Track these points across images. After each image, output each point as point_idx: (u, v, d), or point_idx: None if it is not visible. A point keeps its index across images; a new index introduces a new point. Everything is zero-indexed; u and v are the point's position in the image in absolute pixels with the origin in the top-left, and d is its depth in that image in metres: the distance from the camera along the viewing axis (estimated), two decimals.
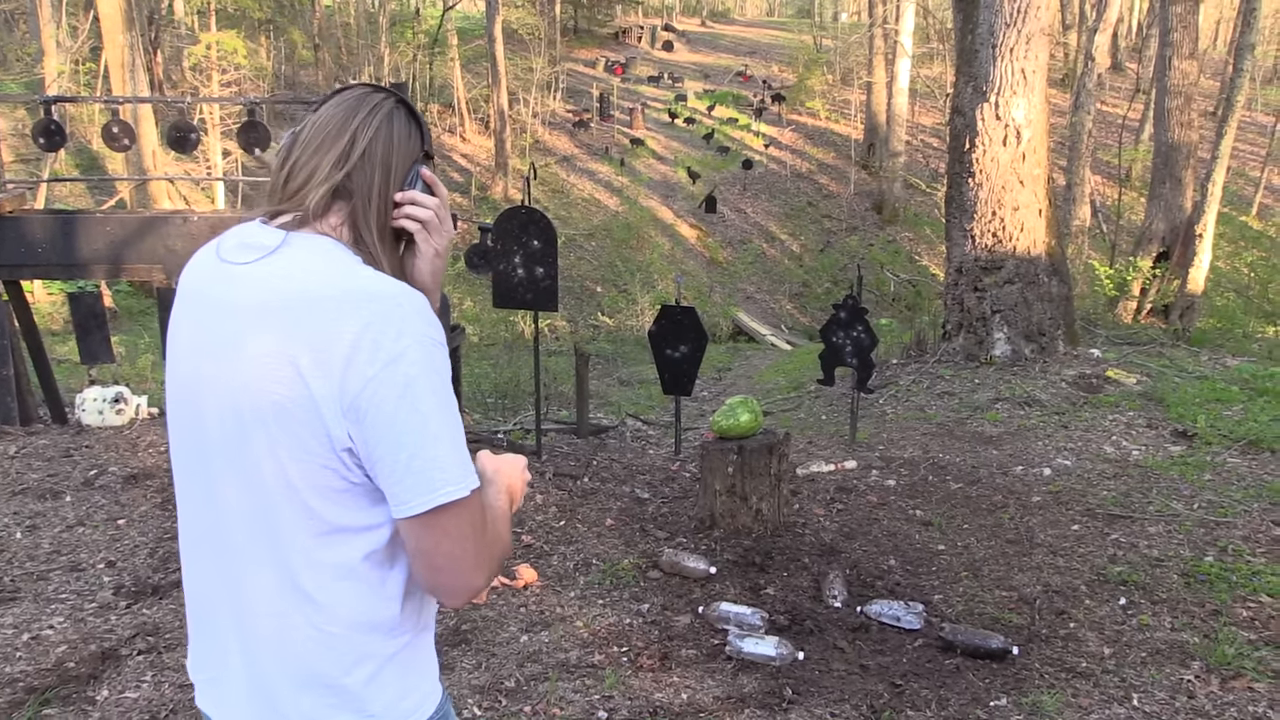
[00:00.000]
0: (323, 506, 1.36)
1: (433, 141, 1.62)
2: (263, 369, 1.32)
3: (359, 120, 1.46)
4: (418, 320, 1.34)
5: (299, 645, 1.41)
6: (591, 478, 5.78)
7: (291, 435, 1.32)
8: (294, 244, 1.41)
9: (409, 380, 1.30)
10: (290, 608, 1.40)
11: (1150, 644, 3.80)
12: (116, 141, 6.77)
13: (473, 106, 30.04)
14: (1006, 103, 7.84)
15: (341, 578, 1.39)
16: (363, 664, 1.43)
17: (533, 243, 5.30)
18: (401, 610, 1.45)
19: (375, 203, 1.45)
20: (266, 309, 1.34)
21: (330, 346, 1.29)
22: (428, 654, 1.56)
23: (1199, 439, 6.17)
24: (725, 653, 3.74)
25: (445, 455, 1.33)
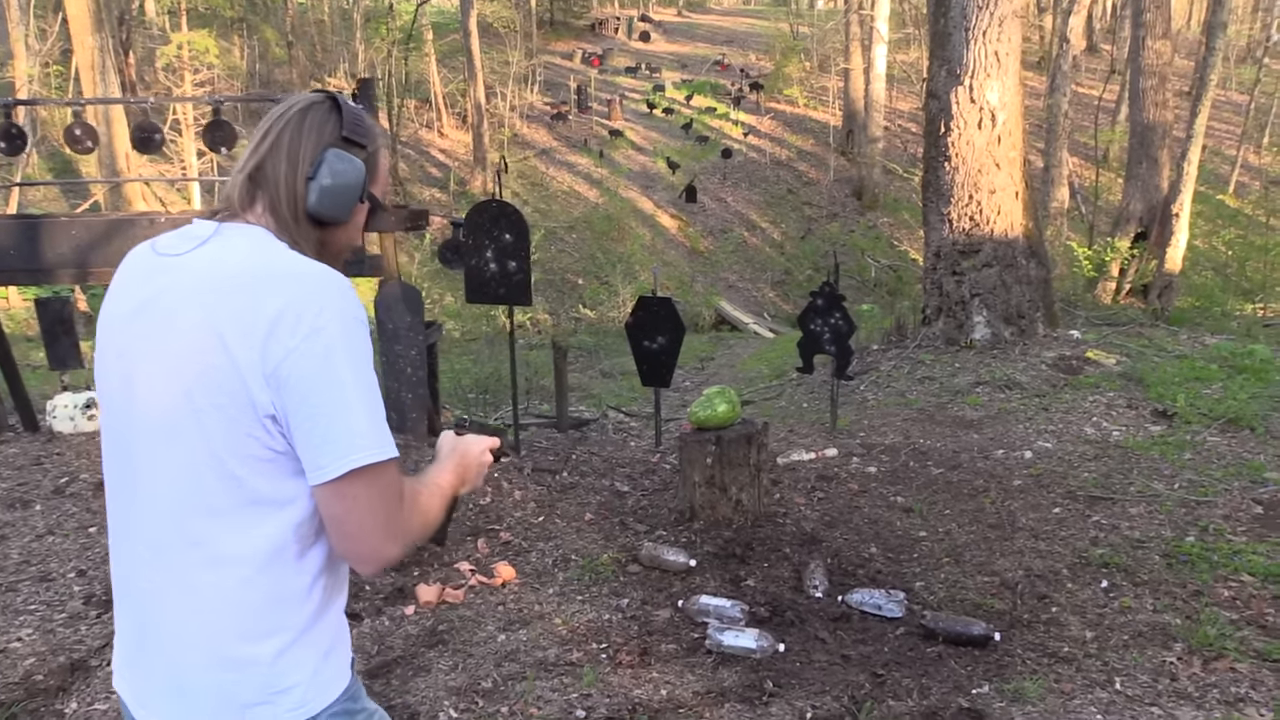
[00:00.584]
0: (247, 475, 1.40)
1: (372, 132, 1.64)
2: (191, 341, 1.39)
3: (276, 116, 1.56)
4: (339, 298, 1.42)
5: (213, 616, 1.45)
6: (571, 472, 5.73)
7: (217, 404, 1.38)
8: (225, 233, 1.50)
9: (328, 351, 1.38)
10: (209, 578, 1.44)
11: (1132, 626, 3.77)
12: (79, 144, 6.66)
13: (450, 101, 29.89)
14: (980, 85, 7.80)
15: (262, 549, 1.43)
16: (274, 636, 1.46)
17: (504, 236, 5.23)
18: (316, 585, 1.49)
19: (284, 189, 1.52)
20: (196, 289, 1.42)
21: (254, 319, 1.37)
22: (340, 633, 1.59)
23: (1179, 418, 6.16)
24: (705, 646, 3.70)
25: (360, 422, 1.40)
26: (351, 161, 1.56)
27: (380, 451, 1.41)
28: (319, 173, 1.53)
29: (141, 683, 1.53)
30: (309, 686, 1.50)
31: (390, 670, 3.66)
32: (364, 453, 1.39)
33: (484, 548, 4.69)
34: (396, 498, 1.45)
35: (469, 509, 5.07)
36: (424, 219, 5.60)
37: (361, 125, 1.61)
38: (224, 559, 1.43)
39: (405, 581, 4.34)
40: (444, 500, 1.62)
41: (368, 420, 1.41)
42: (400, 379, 5.63)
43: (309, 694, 1.50)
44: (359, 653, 3.79)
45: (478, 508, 5.09)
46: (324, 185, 1.53)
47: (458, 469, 1.69)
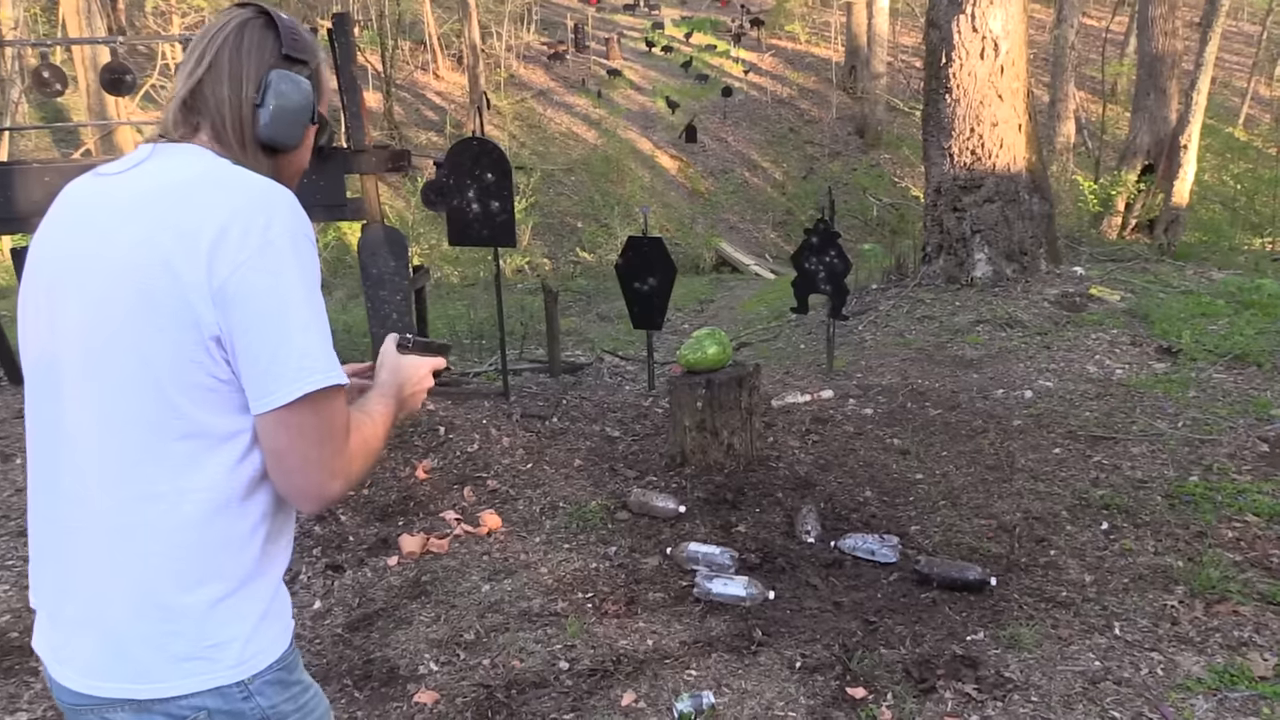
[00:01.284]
0: (189, 405, 1.30)
1: (312, 46, 1.53)
2: (128, 259, 1.29)
3: (208, 36, 1.44)
4: (289, 211, 1.33)
5: (146, 558, 1.33)
6: (561, 417, 5.61)
7: (158, 327, 1.27)
8: (164, 151, 1.40)
9: (279, 268, 1.28)
10: (142, 517, 1.33)
11: (1133, 569, 3.67)
12: (48, 87, 6.45)
13: (445, 42, 29.36)
14: (983, 13, 7.54)
15: (201, 487, 1.33)
16: (208, 584, 1.35)
17: (486, 176, 5.06)
18: (257, 532, 1.40)
19: (229, 116, 1.42)
20: (135, 202, 1.33)
21: (198, 231, 1.27)
22: (280, 595, 1.47)
23: (1183, 355, 6.02)
24: (693, 595, 3.61)
25: (314, 344, 1.31)
26: (298, 82, 1.46)
27: (333, 375, 1.32)
28: (266, 97, 1.43)
29: (62, 637, 1.40)
30: (246, 643, 1.38)
31: (371, 623, 3.58)
32: (317, 375, 1.30)
33: (470, 496, 4.59)
34: (343, 429, 1.36)
35: (456, 456, 4.97)
36: (405, 159, 5.42)
37: (301, 40, 1.50)
38: (159, 496, 1.32)
39: (389, 532, 4.25)
40: (386, 430, 1.51)
41: (320, 342, 1.32)
42: (385, 325, 5.50)
43: (246, 652, 1.38)
44: (340, 605, 3.71)
45: (465, 455, 4.98)
46: (273, 110, 1.43)
47: (398, 395, 1.57)
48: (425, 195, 5.77)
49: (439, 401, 5.58)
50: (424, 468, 4.83)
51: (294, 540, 3.96)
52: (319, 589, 3.83)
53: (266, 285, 1.28)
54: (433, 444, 5.10)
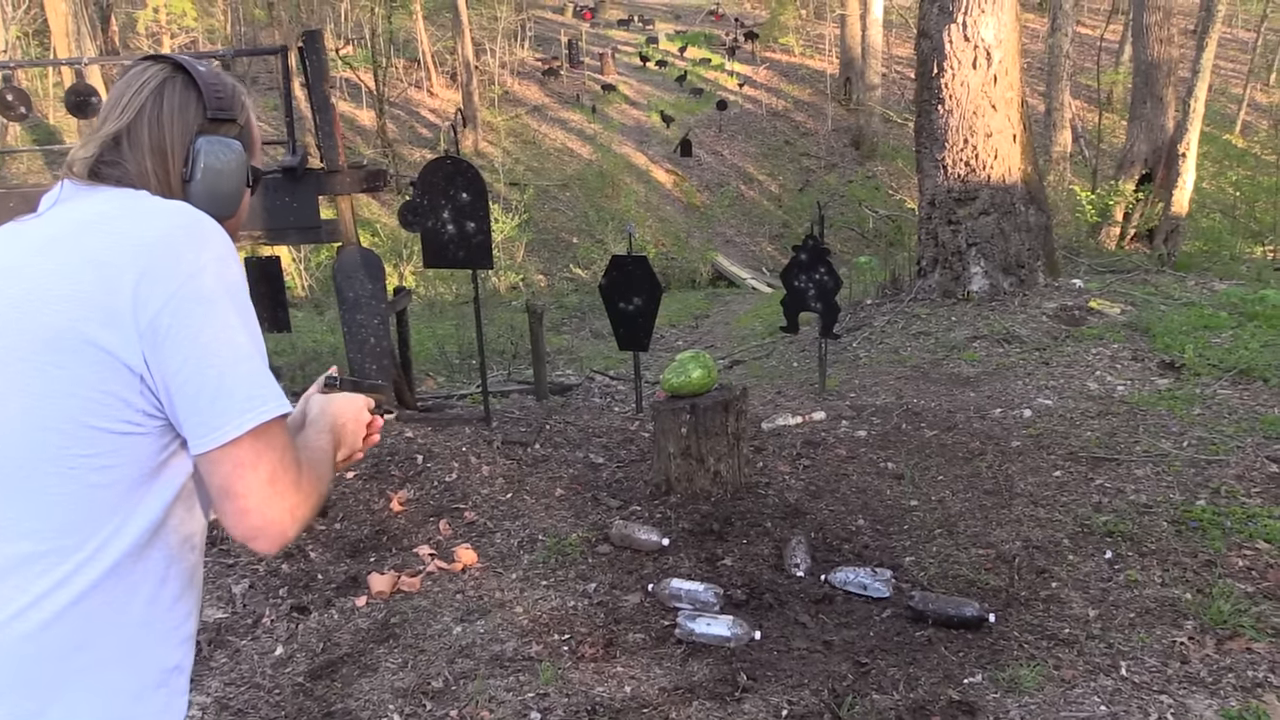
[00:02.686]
0: (89, 459, 1.15)
1: (238, 98, 1.40)
2: (40, 294, 1.15)
3: (123, 100, 1.32)
4: (217, 236, 1.23)
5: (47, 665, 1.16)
6: (544, 443, 5.43)
7: (66, 369, 1.13)
8: (83, 193, 1.28)
9: (214, 295, 1.18)
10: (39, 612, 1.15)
11: (1139, 603, 3.48)
12: (12, 110, 6.28)
13: (438, 60, 29.28)
14: (975, 22, 7.39)
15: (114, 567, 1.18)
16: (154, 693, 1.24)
17: (461, 196, 4.88)
18: (184, 616, 1.29)
19: (155, 187, 1.30)
20: (53, 238, 1.21)
21: (121, 260, 1.15)
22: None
23: (1187, 370, 5.83)
24: (675, 635, 3.42)
25: (259, 371, 1.21)
26: (229, 146, 1.36)
27: (283, 403, 1.22)
28: (195, 170, 1.32)
29: None
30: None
31: (335, 670, 3.38)
32: (270, 405, 1.20)
33: (446, 529, 4.40)
34: (295, 459, 1.25)
35: (433, 486, 4.78)
36: (381, 179, 5.25)
37: (225, 95, 1.37)
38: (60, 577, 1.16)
39: (359, 569, 4.06)
40: (329, 465, 1.40)
41: (264, 369, 1.22)
42: (363, 350, 5.32)
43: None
44: (304, 651, 3.52)
45: (442, 485, 4.80)
46: (206, 183, 1.32)
47: (333, 429, 1.46)
48: (403, 216, 5.62)
49: (418, 428, 5.39)
50: (399, 499, 4.64)
51: (260, 580, 3.74)
52: (282, 633, 3.64)
53: (202, 315, 1.17)
54: (410, 473, 4.92)
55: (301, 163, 5.11)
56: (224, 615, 3.76)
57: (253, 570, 4.07)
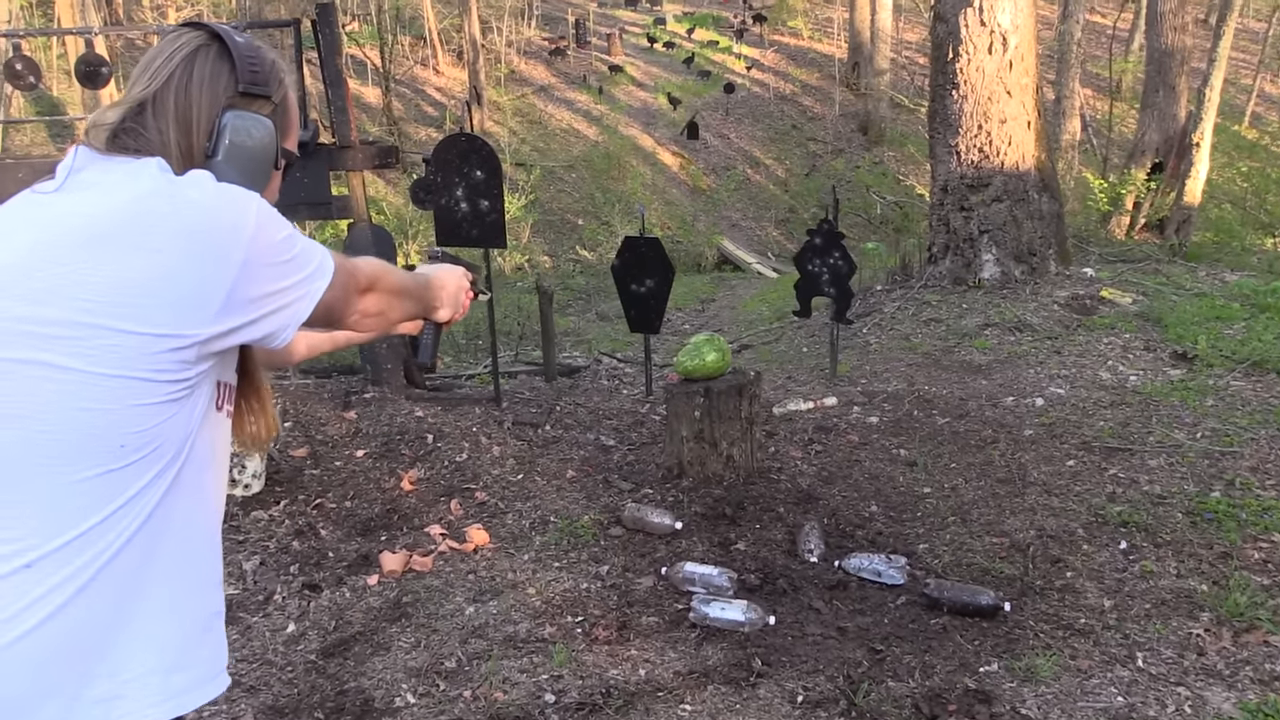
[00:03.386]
0: (132, 435, 1.13)
1: (275, 74, 1.36)
2: (75, 279, 1.09)
3: (154, 66, 1.28)
4: (251, 201, 1.20)
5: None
6: (554, 425, 5.41)
7: (112, 351, 1.09)
8: (98, 163, 1.22)
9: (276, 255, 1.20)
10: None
11: (1154, 594, 3.46)
12: (21, 79, 6.24)
13: (445, 37, 29.09)
14: (991, 6, 7.32)
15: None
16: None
17: (475, 174, 4.85)
18: (217, 557, 1.35)
19: (177, 161, 1.24)
20: (87, 217, 1.13)
21: (169, 245, 1.11)
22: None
23: (1199, 361, 5.81)
24: (689, 619, 3.41)
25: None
26: (258, 123, 1.31)
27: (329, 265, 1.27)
28: (218, 145, 1.27)
29: None
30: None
31: (347, 648, 3.37)
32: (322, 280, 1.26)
33: (457, 509, 4.39)
34: (350, 274, 1.33)
35: (444, 466, 4.77)
36: (393, 156, 5.22)
37: (261, 70, 1.32)
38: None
39: (370, 547, 4.05)
40: (418, 292, 1.56)
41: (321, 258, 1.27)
42: None
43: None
44: (316, 629, 3.51)
45: (453, 465, 4.78)
46: (228, 159, 1.26)
47: (437, 279, 1.64)
48: (414, 193, 5.59)
49: (428, 408, 5.38)
50: (410, 479, 4.63)
51: (271, 557, 3.73)
52: (294, 610, 3.63)
53: (273, 272, 1.19)
54: (420, 453, 4.91)
55: (313, 138, 5.07)
56: (235, 592, 3.75)
57: (263, 547, 4.06)
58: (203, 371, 1.18)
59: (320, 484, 4.55)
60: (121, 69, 19.03)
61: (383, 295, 1.42)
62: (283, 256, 1.20)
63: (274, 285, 1.19)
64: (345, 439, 5.01)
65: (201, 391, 1.20)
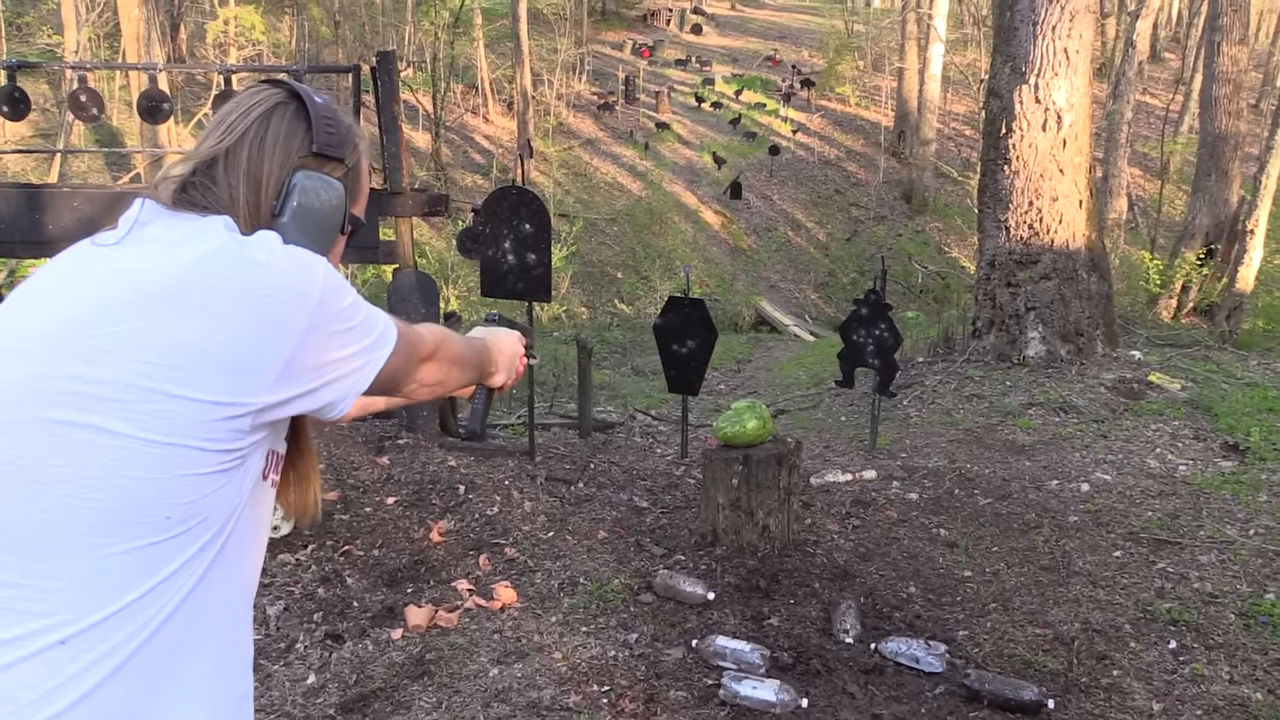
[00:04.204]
0: (179, 507, 1.07)
1: (350, 138, 1.32)
2: (134, 339, 1.05)
3: (228, 120, 1.25)
4: (318, 266, 1.16)
5: None
6: (588, 483, 5.34)
7: (165, 418, 1.04)
8: (163, 218, 1.18)
9: (339, 317, 1.16)
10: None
11: (1206, 699, 3.32)
12: (84, 110, 6.35)
13: (496, 87, 29.58)
14: (1047, 84, 7.30)
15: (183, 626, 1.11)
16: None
17: (524, 226, 4.84)
18: (249, 635, 1.26)
19: (244, 218, 1.20)
20: (151, 279, 1.08)
21: (235, 309, 1.07)
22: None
23: (1251, 454, 5.65)
24: (719, 696, 3.30)
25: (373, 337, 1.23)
26: (328, 185, 1.27)
27: (391, 334, 1.24)
28: (285, 205, 1.23)
29: None
30: None
31: (367, 704, 3.29)
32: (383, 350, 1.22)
33: (486, 564, 4.31)
34: (411, 344, 1.30)
35: (474, 519, 4.70)
36: (443, 205, 5.23)
37: (337, 132, 1.29)
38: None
39: (396, 599, 3.98)
40: (474, 359, 1.55)
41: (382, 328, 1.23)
42: None
43: None
44: (336, 681, 3.43)
45: (484, 518, 4.72)
46: (293, 220, 1.22)
47: (495, 344, 1.65)
48: (461, 242, 5.59)
49: (460, 458, 5.33)
50: (439, 529, 4.57)
51: (296, 603, 3.66)
52: (315, 660, 3.56)
53: (330, 341, 1.15)
54: (451, 504, 4.85)
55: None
56: (258, 637, 3.68)
57: (289, 592, 4.00)
58: (255, 442, 1.13)
59: (349, 530, 4.50)
60: (181, 104, 19.48)
61: (442, 364, 1.39)
62: (346, 324, 1.15)
63: (336, 354, 1.14)
64: (377, 485, 4.97)
65: (252, 462, 1.15)
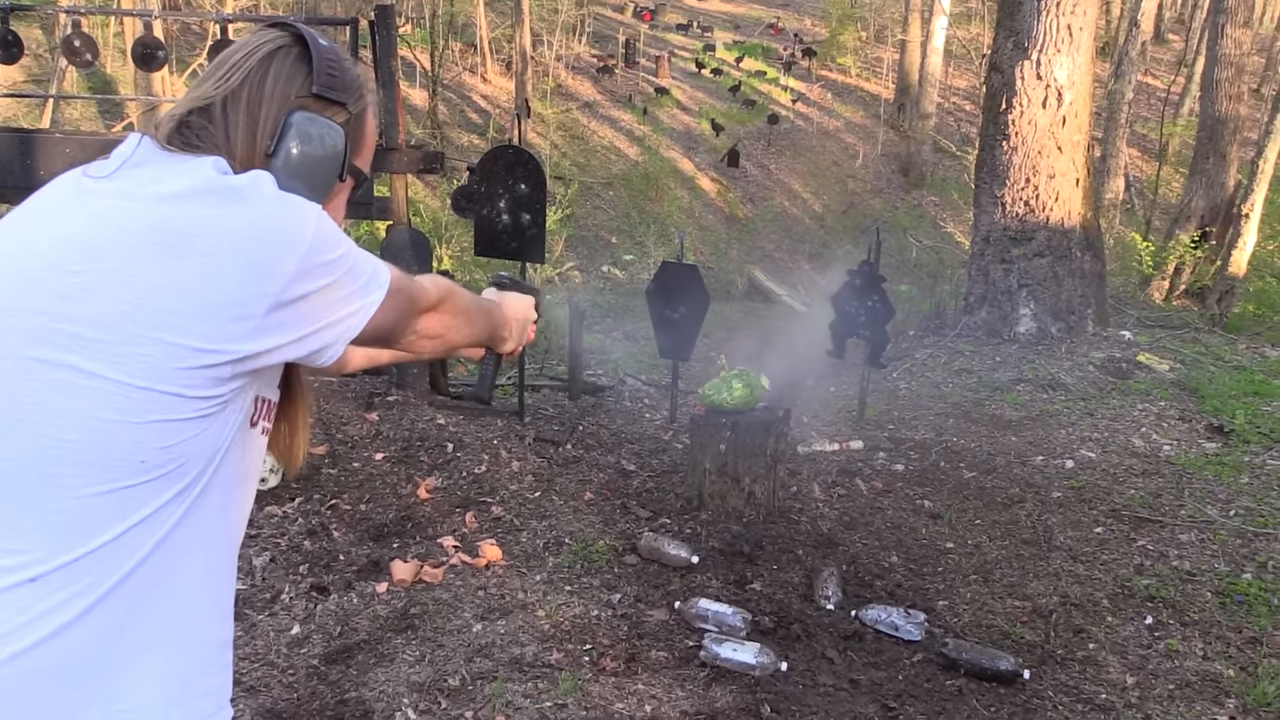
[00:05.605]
0: (158, 451, 1.06)
1: (355, 84, 1.30)
2: (117, 277, 1.04)
3: (231, 61, 1.23)
4: (309, 214, 1.13)
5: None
6: (576, 445, 5.36)
7: (144, 360, 1.02)
8: (158, 158, 1.15)
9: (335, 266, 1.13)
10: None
11: (1179, 674, 3.37)
12: (78, 56, 6.26)
13: (495, 46, 29.29)
14: (1049, 61, 7.27)
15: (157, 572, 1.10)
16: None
17: (519, 186, 4.82)
18: (231, 583, 1.25)
19: (238, 156, 1.18)
20: (134, 214, 1.07)
21: (220, 250, 1.05)
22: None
23: (1236, 436, 5.69)
24: (700, 658, 3.34)
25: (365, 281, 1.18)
26: (327, 128, 1.24)
27: (383, 281, 1.20)
28: (280, 145, 1.20)
29: None
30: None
31: (351, 656, 3.32)
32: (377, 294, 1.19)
33: (472, 521, 4.34)
34: (410, 295, 1.27)
35: (461, 476, 4.72)
36: (439, 161, 5.20)
37: (340, 76, 1.26)
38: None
39: (382, 554, 4.00)
40: (487, 312, 1.51)
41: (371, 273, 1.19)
42: None
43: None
44: (320, 633, 3.46)
45: (471, 476, 4.74)
46: (287, 160, 1.19)
47: (508, 307, 1.61)
48: (456, 201, 5.57)
49: (450, 416, 5.34)
50: (427, 486, 4.58)
51: (282, 555, 3.67)
52: (300, 612, 3.58)
53: (325, 285, 1.11)
54: (439, 461, 4.86)
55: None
56: (243, 587, 3.70)
57: (275, 544, 4.02)
58: (237, 388, 1.10)
59: (337, 484, 4.52)
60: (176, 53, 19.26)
61: (445, 316, 1.34)
62: (336, 273, 1.12)
63: (322, 300, 1.11)
64: (365, 440, 4.97)
65: (235, 408, 1.12)
